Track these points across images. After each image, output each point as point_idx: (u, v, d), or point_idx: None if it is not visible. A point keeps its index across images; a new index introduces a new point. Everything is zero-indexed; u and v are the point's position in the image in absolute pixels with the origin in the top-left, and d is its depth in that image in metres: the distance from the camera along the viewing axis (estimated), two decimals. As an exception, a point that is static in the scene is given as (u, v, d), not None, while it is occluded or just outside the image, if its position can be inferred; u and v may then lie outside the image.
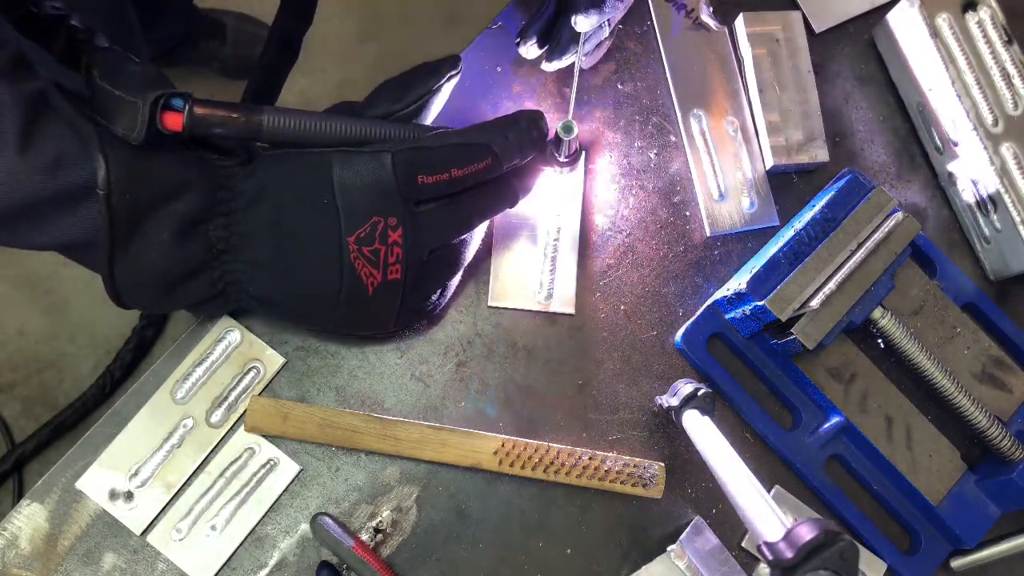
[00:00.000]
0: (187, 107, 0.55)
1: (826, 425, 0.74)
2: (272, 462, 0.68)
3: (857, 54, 0.86)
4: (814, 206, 0.75)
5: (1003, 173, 0.77)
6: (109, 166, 0.51)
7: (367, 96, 0.63)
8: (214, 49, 1.58)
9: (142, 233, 0.55)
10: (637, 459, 0.71)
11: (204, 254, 0.59)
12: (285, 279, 0.60)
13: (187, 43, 1.55)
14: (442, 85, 0.63)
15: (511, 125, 0.62)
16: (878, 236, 0.71)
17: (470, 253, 0.68)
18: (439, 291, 0.69)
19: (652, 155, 0.79)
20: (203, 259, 0.59)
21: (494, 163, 0.61)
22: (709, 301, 0.76)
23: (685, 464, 0.73)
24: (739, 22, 0.81)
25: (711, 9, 0.82)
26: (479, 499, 0.70)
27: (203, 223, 0.58)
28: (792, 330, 0.67)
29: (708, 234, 0.78)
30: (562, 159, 0.68)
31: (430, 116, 0.65)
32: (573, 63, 0.71)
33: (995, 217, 0.78)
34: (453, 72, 0.63)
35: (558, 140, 0.66)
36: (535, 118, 0.64)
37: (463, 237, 0.66)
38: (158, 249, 0.56)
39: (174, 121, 0.54)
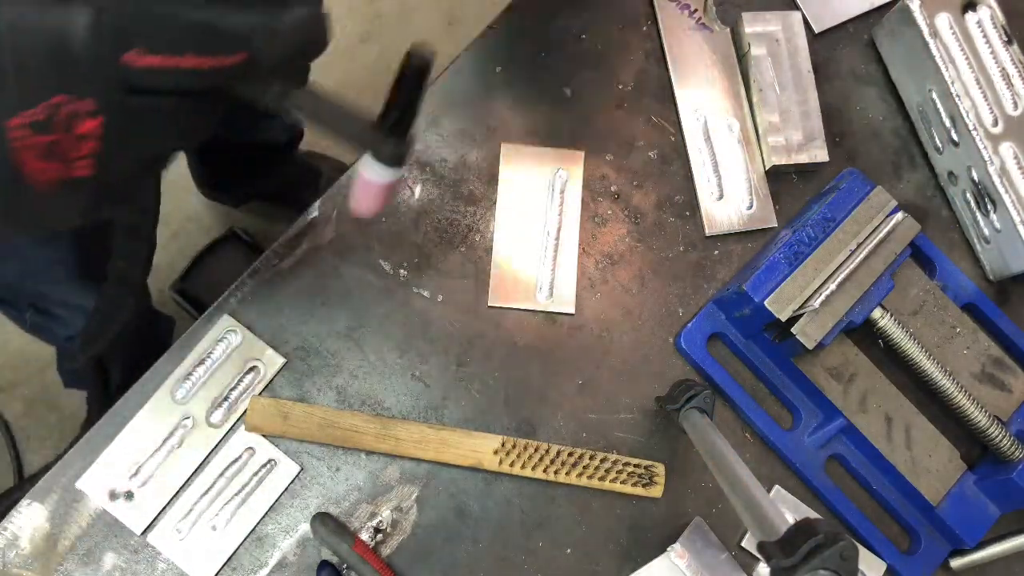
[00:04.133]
0: None
1: (826, 425, 0.74)
2: (272, 462, 0.68)
3: (857, 54, 0.86)
4: (814, 206, 0.75)
5: (1003, 173, 0.77)
6: None
7: None
8: (308, 199, 1.54)
9: None
10: (637, 459, 0.71)
11: None
12: None
13: (287, 192, 1.49)
14: None
15: (283, 13, 0.49)
16: (878, 236, 0.71)
17: None
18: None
19: (652, 155, 0.79)
20: None
21: (248, 62, 0.47)
22: (709, 301, 0.76)
23: (685, 464, 0.73)
24: (740, 22, 0.81)
25: (715, 9, 0.82)
26: (479, 499, 0.70)
27: None
28: (792, 330, 0.67)
29: (708, 234, 0.78)
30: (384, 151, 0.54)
31: None
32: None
33: (995, 217, 0.78)
34: None
35: (405, 78, 0.53)
36: (318, 16, 0.52)
37: None
38: None
39: None
